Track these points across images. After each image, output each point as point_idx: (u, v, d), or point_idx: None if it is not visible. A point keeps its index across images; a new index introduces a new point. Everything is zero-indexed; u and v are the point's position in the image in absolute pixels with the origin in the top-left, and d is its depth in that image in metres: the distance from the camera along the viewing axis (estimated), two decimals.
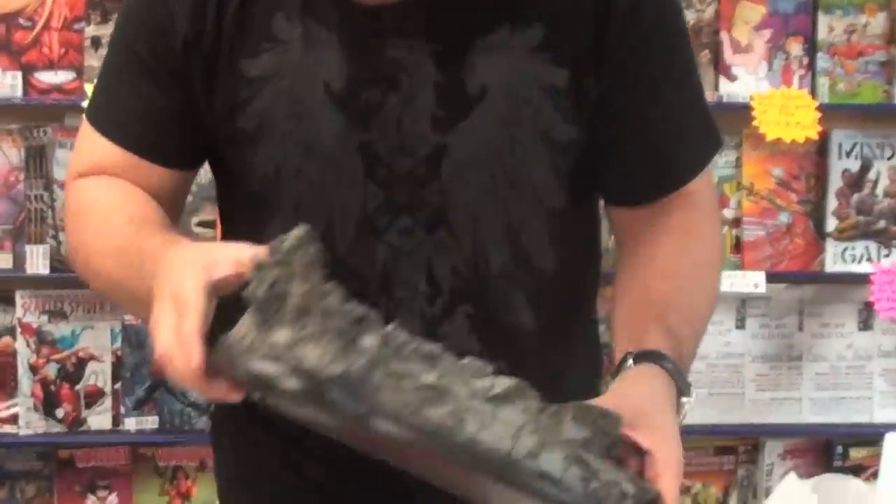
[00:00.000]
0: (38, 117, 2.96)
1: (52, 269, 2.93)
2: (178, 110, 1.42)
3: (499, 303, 1.44)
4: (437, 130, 1.37)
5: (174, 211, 1.51)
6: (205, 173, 1.61)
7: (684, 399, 1.32)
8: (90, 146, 1.48)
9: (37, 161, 2.97)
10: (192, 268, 1.22)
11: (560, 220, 1.43)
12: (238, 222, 1.50)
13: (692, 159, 1.43)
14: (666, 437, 1.23)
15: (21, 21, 2.92)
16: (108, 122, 1.45)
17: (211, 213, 2.98)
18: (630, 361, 1.33)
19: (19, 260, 2.95)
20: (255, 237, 1.38)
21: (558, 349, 1.46)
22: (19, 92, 2.93)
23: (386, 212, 1.40)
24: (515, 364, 1.37)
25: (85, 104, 2.72)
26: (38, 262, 2.93)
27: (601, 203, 1.52)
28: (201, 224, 2.98)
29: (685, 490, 3.18)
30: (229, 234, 1.52)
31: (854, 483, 1.21)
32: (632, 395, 1.26)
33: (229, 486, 1.58)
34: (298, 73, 1.37)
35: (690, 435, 2.92)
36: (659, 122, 1.39)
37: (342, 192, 1.40)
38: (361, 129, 1.37)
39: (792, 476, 1.24)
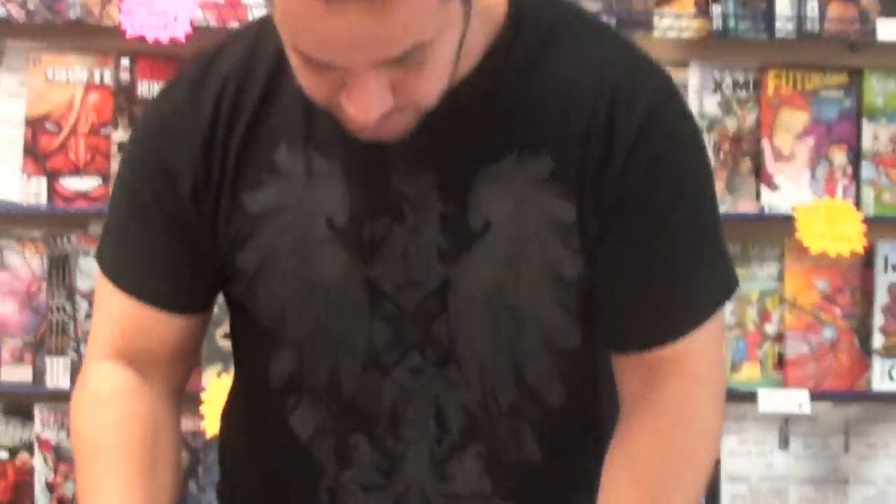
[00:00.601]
0: (63, 225, 2.94)
1: (73, 382, 2.78)
2: (185, 256, 1.41)
3: (508, 439, 1.43)
4: (443, 263, 1.36)
5: (190, 357, 1.51)
6: None
7: None
8: (108, 303, 1.47)
9: (60, 270, 2.95)
10: None
11: (570, 357, 1.41)
12: (246, 352, 1.50)
13: (689, 312, 1.38)
14: None
15: (48, 126, 2.91)
16: (120, 273, 1.44)
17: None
18: None
19: (39, 373, 2.93)
20: (262, 367, 1.44)
21: (559, 480, 1.45)
22: (44, 199, 2.91)
23: (394, 349, 1.38)
24: (522, 496, 1.44)
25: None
26: (58, 374, 2.91)
27: None
28: (226, 336, 2.94)
29: None
30: (239, 361, 1.53)
31: None
32: None
33: None
34: (300, 207, 1.37)
35: None
36: (656, 267, 1.35)
37: (347, 329, 1.39)
38: (366, 264, 1.36)
39: None
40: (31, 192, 2.90)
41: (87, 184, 2.93)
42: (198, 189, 1.37)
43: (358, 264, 1.36)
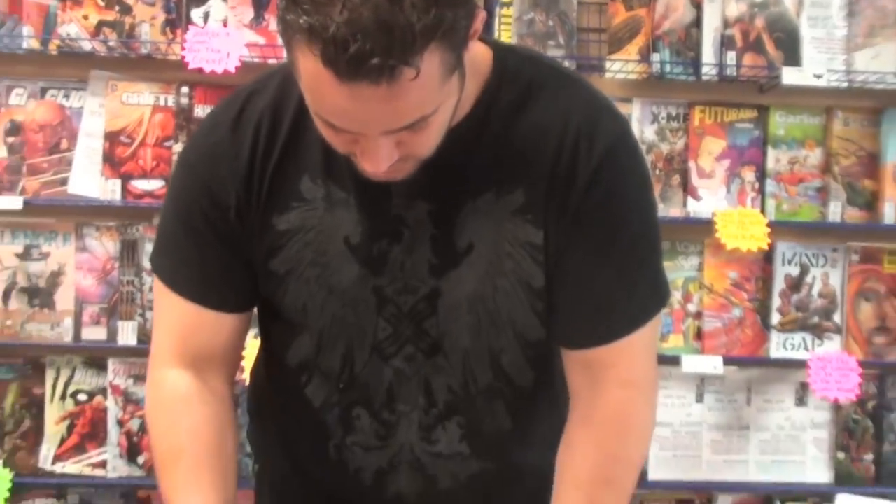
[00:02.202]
0: (132, 217, 3.24)
1: (139, 340, 3.19)
2: (232, 264, 1.50)
3: (484, 413, 1.54)
4: (433, 275, 1.46)
5: (239, 352, 1.60)
6: None
7: None
8: (166, 308, 1.56)
9: (129, 253, 3.24)
10: None
11: (537, 348, 1.52)
12: (273, 339, 1.60)
13: (628, 317, 1.46)
14: None
15: (122, 138, 3.20)
16: (174, 279, 1.53)
17: None
18: None
19: (112, 333, 3.21)
20: (282, 349, 1.56)
21: (527, 442, 1.57)
22: (118, 196, 3.19)
23: (394, 342, 1.49)
24: (498, 460, 1.56)
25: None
26: (127, 335, 3.20)
27: None
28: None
29: None
30: (264, 339, 1.63)
31: None
32: None
33: None
34: (322, 228, 1.47)
35: (656, 489, 3.26)
36: (603, 279, 1.44)
37: (358, 325, 1.49)
38: (374, 274, 1.47)
39: None
40: (108, 190, 3.20)
41: (153, 185, 3.23)
42: (240, 210, 1.46)
43: (368, 274, 1.47)
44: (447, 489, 1.56)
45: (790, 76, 3.13)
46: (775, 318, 3.33)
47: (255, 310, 1.58)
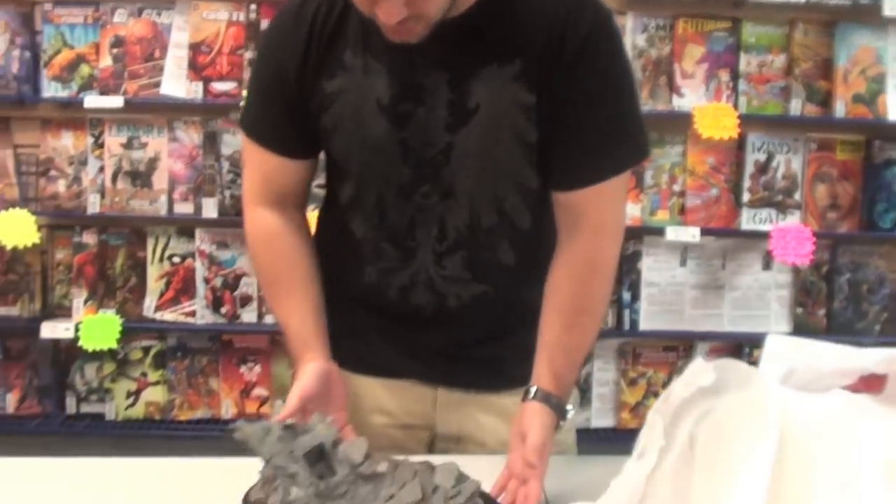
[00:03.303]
0: (212, 112, 3.57)
1: (220, 213, 3.57)
2: (297, 119, 1.61)
3: (487, 249, 1.62)
4: (448, 131, 1.53)
5: (308, 190, 1.73)
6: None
7: (562, 422, 1.54)
8: (251, 156, 1.70)
9: (211, 142, 3.59)
10: (294, 389, 1.56)
11: (534, 195, 1.59)
12: (330, 184, 1.71)
13: (607, 164, 1.54)
14: (543, 458, 1.45)
15: (203, 48, 3.55)
16: (255, 132, 1.67)
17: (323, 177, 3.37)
18: (531, 394, 1.53)
19: (197, 207, 3.58)
20: (335, 191, 1.67)
21: (529, 274, 1.63)
22: (200, 95, 3.54)
23: (415, 185, 1.58)
24: (498, 286, 1.65)
25: (242, 106, 3.18)
26: (210, 209, 3.58)
27: None
28: (318, 186, 3.11)
29: (642, 375, 3.72)
30: (329, 189, 1.72)
31: (743, 366, 1.17)
32: (535, 435, 1.46)
33: (335, 343, 1.70)
34: (359, 91, 1.56)
35: (646, 338, 3.59)
36: (587, 132, 1.52)
37: (387, 170, 1.58)
38: (400, 130, 1.55)
39: (699, 359, 1.20)
40: (192, 91, 3.55)
41: (228, 86, 3.55)
42: (299, 75, 1.57)
43: (395, 130, 1.55)
44: (455, 307, 1.65)
45: None
46: (746, 197, 3.60)
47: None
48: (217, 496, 1.30)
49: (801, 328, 3.65)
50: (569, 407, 1.56)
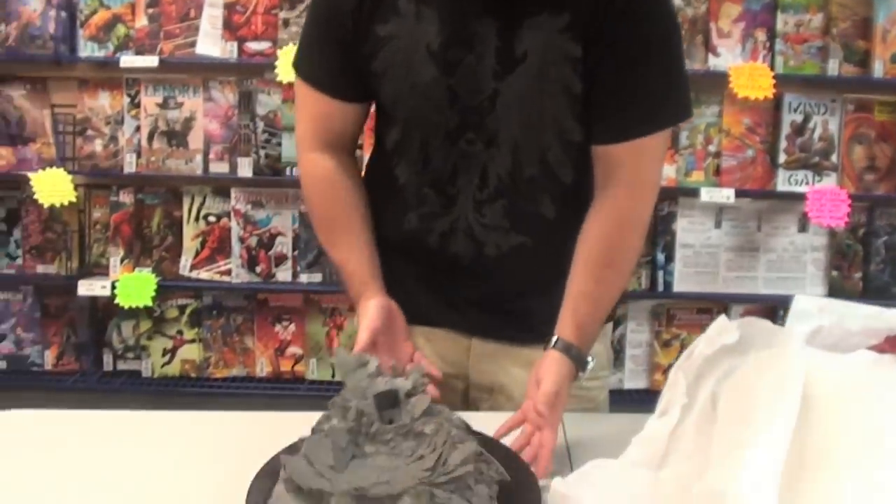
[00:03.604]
0: (247, 72, 3.59)
1: (255, 173, 3.59)
2: (349, 63, 1.65)
3: (527, 199, 1.65)
4: (495, 79, 1.57)
5: (359, 135, 1.77)
6: None
7: (581, 374, 1.58)
8: (305, 101, 1.73)
9: (246, 102, 3.61)
10: (362, 325, 1.61)
11: (577, 148, 1.62)
12: (378, 129, 1.76)
13: (650, 120, 1.57)
14: (556, 407, 1.48)
15: (238, 8, 3.56)
16: (309, 75, 1.71)
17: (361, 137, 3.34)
18: (552, 343, 1.56)
19: (233, 167, 3.61)
20: (382, 136, 1.72)
21: (569, 229, 1.64)
22: (235, 55, 3.57)
23: (461, 132, 1.61)
24: (537, 239, 1.68)
25: (277, 65, 3.33)
26: (245, 168, 3.61)
27: None
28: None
29: (675, 337, 3.72)
30: (376, 135, 1.77)
31: (768, 324, 1.18)
32: (548, 382, 1.49)
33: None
34: (410, 37, 1.59)
35: (680, 300, 3.57)
36: (630, 86, 1.55)
37: (434, 115, 1.62)
38: (448, 76, 1.59)
39: (723, 317, 1.21)
40: (227, 50, 3.57)
41: (263, 45, 3.57)
42: (353, 19, 1.61)
43: (443, 76, 1.59)
44: (493, 256, 1.68)
45: None
46: (782, 158, 3.59)
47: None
48: (253, 447, 1.32)
49: (836, 291, 3.63)
50: (589, 359, 1.58)
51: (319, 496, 1.17)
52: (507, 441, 1.43)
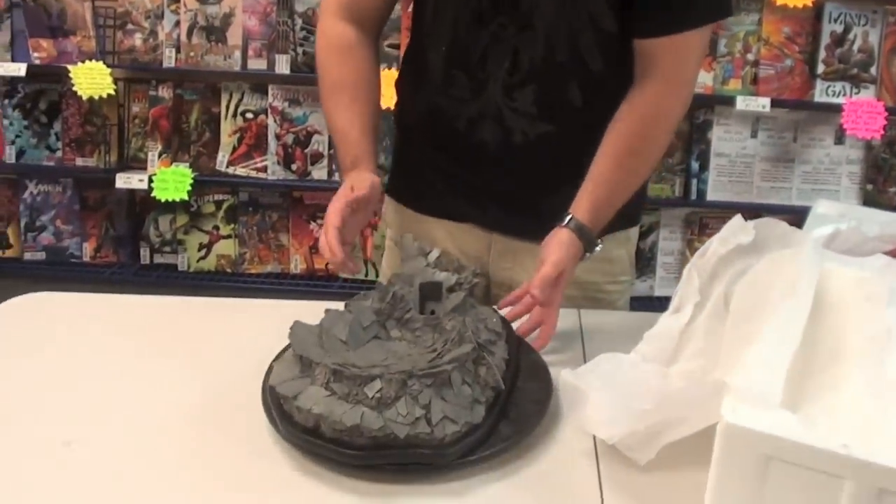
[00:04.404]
0: None
1: (292, 70, 3.61)
2: None
3: (558, 86, 1.64)
4: None
5: (387, 16, 1.78)
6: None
7: (588, 254, 1.60)
8: None
9: None
10: (337, 198, 1.53)
11: (609, 39, 1.61)
12: (414, 10, 1.77)
13: (690, 15, 1.57)
14: (558, 287, 1.53)
15: None
16: None
17: (396, 38, 3.46)
18: (564, 221, 1.58)
19: (271, 64, 3.62)
20: (419, 20, 1.73)
21: (594, 122, 1.64)
22: None
23: (494, 13, 1.61)
24: (563, 128, 1.67)
25: None
26: (283, 65, 3.61)
27: None
28: (390, 46, 3.46)
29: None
30: (414, 17, 1.76)
31: (784, 225, 1.20)
32: (548, 265, 1.52)
33: (397, 180, 1.85)
34: None
35: (713, 209, 3.58)
36: None
37: None
38: None
39: (737, 217, 1.23)
40: None
41: None
42: None
43: None
44: (519, 144, 1.67)
45: None
46: (820, 68, 3.58)
47: None
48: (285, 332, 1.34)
49: (870, 205, 3.55)
50: (598, 241, 1.60)
51: (308, 364, 1.23)
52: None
